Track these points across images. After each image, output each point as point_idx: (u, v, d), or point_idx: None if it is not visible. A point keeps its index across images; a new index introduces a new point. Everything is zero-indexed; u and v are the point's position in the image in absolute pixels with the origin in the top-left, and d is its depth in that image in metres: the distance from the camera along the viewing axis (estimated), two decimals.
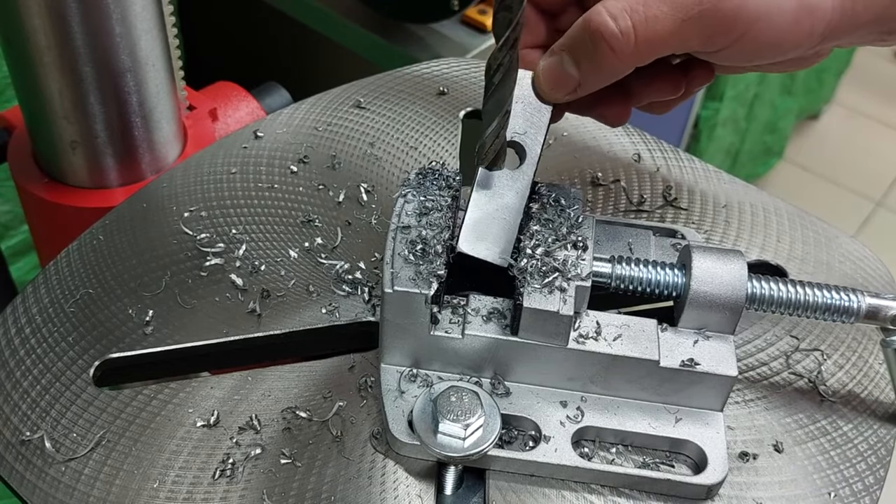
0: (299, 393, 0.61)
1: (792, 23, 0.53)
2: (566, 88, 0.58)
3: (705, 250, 0.59)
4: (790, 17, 0.53)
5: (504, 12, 0.52)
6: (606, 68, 0.55)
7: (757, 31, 0.53)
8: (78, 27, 0.78)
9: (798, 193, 2.69)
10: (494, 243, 0.58)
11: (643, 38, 0.53)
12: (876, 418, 0.62)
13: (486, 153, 0.58)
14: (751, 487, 0.58)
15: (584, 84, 0.57)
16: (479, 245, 0.58)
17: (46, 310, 0.64)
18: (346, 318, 0.65)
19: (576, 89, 0.57)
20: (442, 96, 0.84)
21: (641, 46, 0.53)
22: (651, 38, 0.53)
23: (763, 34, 0.53)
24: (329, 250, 0.70)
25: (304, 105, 0.83)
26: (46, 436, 0.57)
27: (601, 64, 0.55)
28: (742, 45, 0.54)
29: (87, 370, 0.61)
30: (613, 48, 0.54)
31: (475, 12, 1.34)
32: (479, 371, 0.59)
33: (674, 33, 0.53)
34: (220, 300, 0.65)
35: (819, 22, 0.53)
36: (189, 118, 0.96)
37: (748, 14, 0.52)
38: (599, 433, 0.59)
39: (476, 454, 0.55)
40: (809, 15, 0.53)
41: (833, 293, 0.59)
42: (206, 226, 0.71)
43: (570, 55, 0.57)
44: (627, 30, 0.53)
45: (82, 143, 0.85)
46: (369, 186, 0.75)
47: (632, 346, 0.58)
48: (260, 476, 0.56)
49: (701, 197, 0.77)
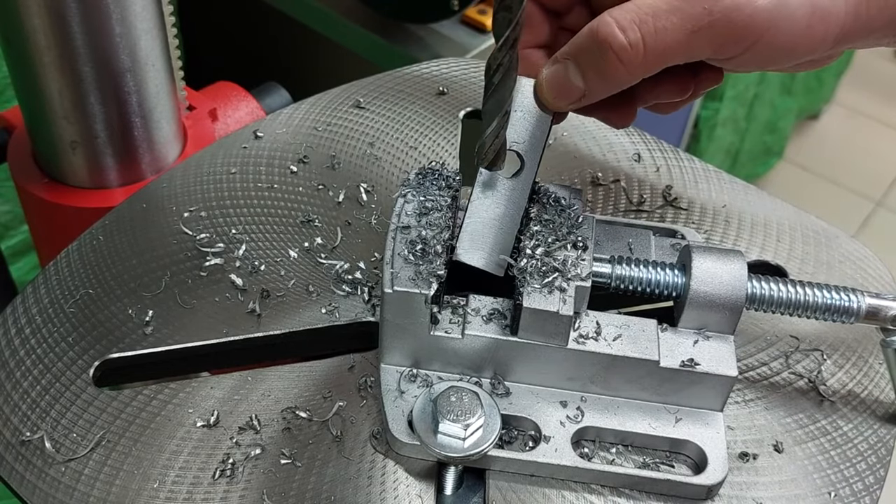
0: (299, 393, 0.61)
1: (804, 28, 0.52)
2: (570, 98, 0.57)
3: (705, 250, 0.59)
4: (803, 24, 0.52)
5: (504, 12, 0.52)
6: (613, 79, 0.55)
7: (769, 39, 0.52)
8: (78, 27, 0.78)
9: (798, 193, 2.69)
10: (491, 252, 0.59)
11: (652, 50, 0.52)
12: (876, 418, 0.62)
13: (485, 153, 0.58)
14: (751, 487, 0.58)
15: (589, 94, 0.56)
16: (475, 254, 0.58)
17: (46, 310, 0.64)
18: (345, 318, 0.65)
19: (580, 99, 0.57)
20: (442, 96, 0.84)
21: (650, 58, 0.53)
22: (660, 49, 0.52)
23: (775, 41, 0.52)
24: (329, 250, 0.70)
25: (304, 105, 0.83)
26: (46, 436, 0.57)
27: (608, 75, 0.54)
28: (754, 53, 0.53)
29: (87, 370, 0.61)
30: (622, 60, 0.53)
31: (475, 12, 1.34)
32: (479, 371, 0.59)
33: (683, 44, 0.52)
34: (219, 300, 0.65)
35: (832, 27, 0.53)
36: (189, 118, 0.97)
37: (760, 23, 0.52)
38: (599, 433, 0.59)
39: (476, 454, 0.55)
40: (822, 21, 0.52)
41: (833, 293, 0.59)
42: (205, 226, 0.71)
43: (575, 64, 0.56)
44: (637, 42, 0.52)
45: (82, 143, 0.85)
46: (369, 186, 0.75)
47: (632, 346, 0.58)
48: (260, 476, 0.56)
49: (701, 197, 0.77)
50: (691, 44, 0.52)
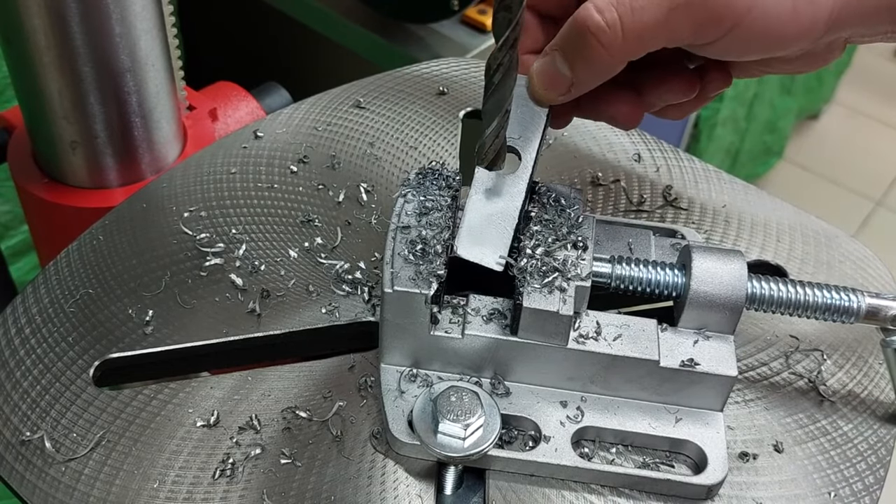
0: (299, 393, 0.61)
1: (790, 12, 0.51)
2: (560, 88, 0.57)
3: (705, 250, 0.59)
4: (788, 6, 0.51)
5: (504, 12, 0.52)
6: (597, 64, 0.54)
7: (751, 21, 0.51)
8: (78, 27, 0.78)
9: (798, 193, 2.69)
10: (491, 248, 0.58)
11: (630, 30, 0.52)
12: (876, 418, 0.62)
13: (485, 153, 0.58)
14: (751, 487, 0.58)
15: (577, 83, 0.56)
16: (475, 249, 0.58)
17: (46, 310, 0.64)
18: (346, 318, 0.65)
19: (570, 89, 0.57)
20: (442, 96, 0.84)
21: (630, 38, 0.52)
22: (638, 29, 0.52)
23: (758, 24, 0.52)
24: (329, 250, 0.70)
25: (304, 105, 0.83)
26: (46, 436, 0.57)
27: (591, 60, 0.54)
28: (736, 36, 0.52)
29: (87, 370, 0.61)
30: (602, 42, 0.53)
31: (475, 12, 1.34)
32: (479, 371, 0.59)
33: (661, 23, 0.52)
34: (219, 300, 0.65)
35: (821, 10, 0.52)
36: (189, 118, 0.97)
37: (740, 2, 0.51)
38: (599, 433, 0.59)
39: (476, 454, 0.55)
40: (810, 3, 0.51)
41: (833, 293, 0.59)
42: (205, 226, 0.71)
43: (561, 54, 0.56)
44: (614, 21, 0.52)
45: (82, 143, 0.85)
46: (369, 186, 0.75)
47: (632, 346, 0.58)
48: (260, 476, 0.56)
49: (701, 197, 0.77)
50: (669, 23, 0.52)
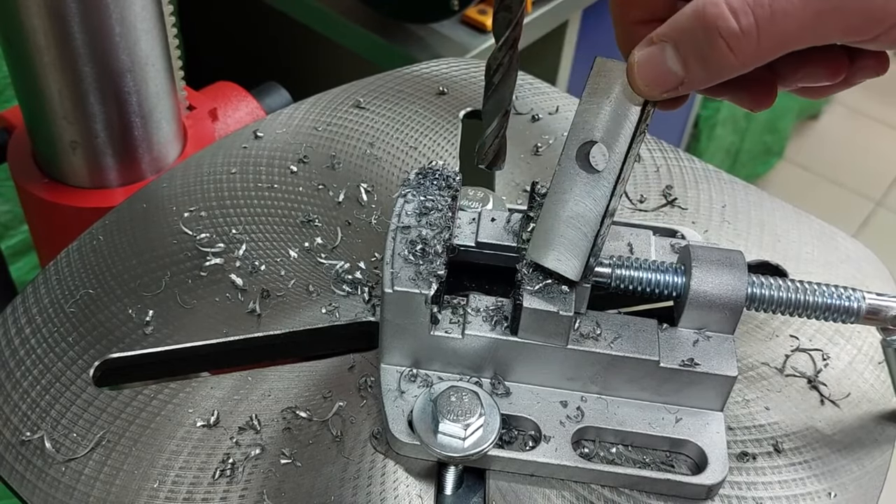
0: (299, 393, 0.61)
1: None
2: (666, 86, 0.50)
3: (705, 250, 0.59)
4: None
5: (504, 12, 0.52)
6: (719, 69, 0.48)
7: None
8: (77, 27, 0.78)
9: (798, 193, 2.69)
10: (565, 253, 0.55)
11: (768, 37, 0.46)
12: (876, 418, 0.62)
13: (485, 153, 0.58)
14: (751, 487, 0.58)
15: (688, 82, 0.49)
16: (548, 254, 0.55)
17: (46, 310, 0.64)
18: (346, 318, 0.65)
19: (677, 87, 0.50)
20: (442, 96, 0.84)
21: (765, 46, 0.46)
22: (777, 36, 0.46)
23: None
24: (329, 250, 0.70)
25: (304, 105, 0.83)
26: (46, 436, 0.57)
27: (714, 64, 0.47)
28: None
29: (87, 370, 0.61)
30: (732, 48, 0.46)
31: (475, 12, 1.34)
32: (479, 371, 0.59)
33: (807, 28, 0.46)
34: (219, 300, 0.65)
35: None
36: (189, 118, 0.97)
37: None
38: (599, 433, 0.59)
39: (476, 454, 0.55)
40: None
41: (833, 293, 0.59)
42: (205, 226, 0.71)
43: (674, 48, 0.48)
44: (750, 28, 0.45)
45: (82, 143, 0.86)
46: (369, 186, 0.75)
47: (632, 346, 0.58)
48: (260, 476, 0.56)
49: (701, 197, 0.77)
50: (816, 27, 0.46)
